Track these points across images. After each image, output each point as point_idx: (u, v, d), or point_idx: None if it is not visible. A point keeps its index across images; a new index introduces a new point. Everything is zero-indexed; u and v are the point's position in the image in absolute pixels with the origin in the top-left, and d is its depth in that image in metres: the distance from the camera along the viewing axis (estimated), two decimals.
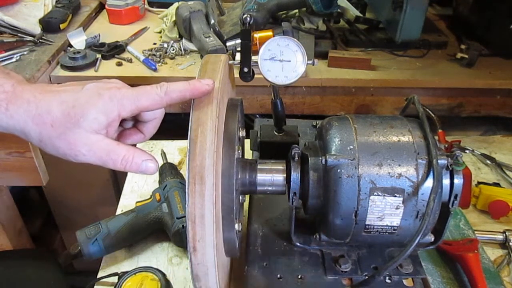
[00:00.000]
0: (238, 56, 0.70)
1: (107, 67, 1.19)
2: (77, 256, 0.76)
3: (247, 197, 0.76)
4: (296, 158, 0.59)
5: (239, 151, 0.61)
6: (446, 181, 0.56)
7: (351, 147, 0.56)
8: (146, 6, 1.54)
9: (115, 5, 1.41)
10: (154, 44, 1.31)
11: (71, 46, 1.25)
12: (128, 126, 0.54)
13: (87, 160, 0.46)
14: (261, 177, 0.61)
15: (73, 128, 0.44)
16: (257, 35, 1.07)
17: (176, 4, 1.33)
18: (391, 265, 0.53)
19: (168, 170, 0.88)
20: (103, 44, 1.24)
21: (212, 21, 1.25)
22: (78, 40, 1.26)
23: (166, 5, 1.43)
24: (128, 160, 0.47)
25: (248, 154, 0.81)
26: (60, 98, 0.45)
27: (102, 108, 0.45)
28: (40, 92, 0.45)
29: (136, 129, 0.54)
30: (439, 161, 0.54)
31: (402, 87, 1.20)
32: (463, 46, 1.27)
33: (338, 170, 0.55)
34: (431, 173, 0.54)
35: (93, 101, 0.45)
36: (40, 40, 1.20)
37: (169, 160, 0.94)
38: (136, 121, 0.54)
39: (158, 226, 0.77)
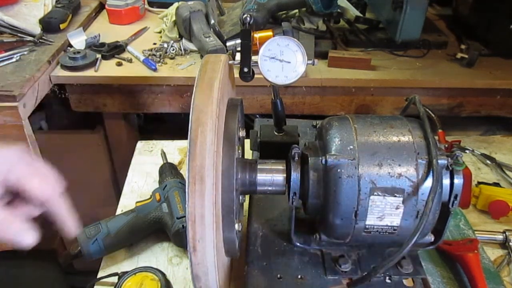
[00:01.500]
0: (238, 56, 0.70)
1: (107, 67, 1.19)
2: (77, 256, 0.76)
3: (247, 197, 0.76)
4: (296, 158, 0.59)
5: (239, 151, 0.61)
6: (446, 181, 0.56)
7: (351, 147, 0.56)
8: (146, 6, 1.54)
9: (115, 5, 1.41)
10: (154, 44, 1.31)
11: (71, 46, 1.24)
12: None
13: None
14: (261, 177, 0.61)
15: None
16: (257, 35, 1.07)
17: (176, 4, 1.33)
18: (387, 264, 0.53)
19: (168, 170, 0.88)
20: (103, 44, 1.24)
21: (212, 21, 1.25)
22: (78, 40, 1.26)
23: (166, 5, 1.43)
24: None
25: (248, 154, 0.81)
26: None
27: None
28: None
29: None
30: (439, 161, 0.54)
31: (402, 87, 1.20)
32: (463, 46, 1.27)
33: (338, 170, 0.55)
34: (431, 173, 0.54)
35: None
36: (40, 40, 1.20)
37: (169, 160, 0.94)
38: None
39: (158, 226, 0.77)
